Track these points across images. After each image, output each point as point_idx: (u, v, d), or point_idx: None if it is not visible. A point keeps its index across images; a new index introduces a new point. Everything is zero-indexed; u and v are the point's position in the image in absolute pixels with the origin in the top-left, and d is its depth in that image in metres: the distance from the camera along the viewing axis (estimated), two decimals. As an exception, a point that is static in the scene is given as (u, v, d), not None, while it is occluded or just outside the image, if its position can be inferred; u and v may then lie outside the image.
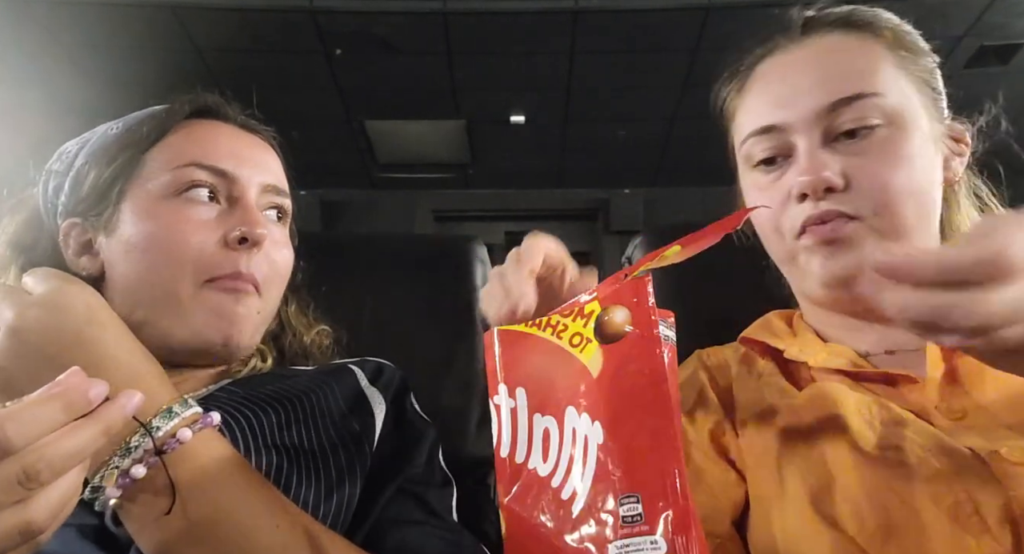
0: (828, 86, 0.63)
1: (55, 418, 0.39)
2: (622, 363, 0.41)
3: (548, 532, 0.40)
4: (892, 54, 0.66)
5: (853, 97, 0.62)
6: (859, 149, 0.62)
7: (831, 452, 0.57)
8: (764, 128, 0.66)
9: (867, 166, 0.62)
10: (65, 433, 0.39)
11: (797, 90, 0.65)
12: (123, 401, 0.42)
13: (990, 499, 0.50)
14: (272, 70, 3.35)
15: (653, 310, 0.41)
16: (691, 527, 0.36)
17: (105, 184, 0.67)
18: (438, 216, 4.82)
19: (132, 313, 0.65)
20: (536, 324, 0.45)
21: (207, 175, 0.67)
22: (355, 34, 3.09)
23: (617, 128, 3.97)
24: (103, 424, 0.41)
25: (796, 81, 0.65)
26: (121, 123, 0.72)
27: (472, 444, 0.98)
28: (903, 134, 0.63)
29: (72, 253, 0.69)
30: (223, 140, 0.71)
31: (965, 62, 3.26)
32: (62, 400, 0.40)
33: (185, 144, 0.69)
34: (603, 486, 0.39)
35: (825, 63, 0.65)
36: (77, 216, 0.69)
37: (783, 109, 0.65)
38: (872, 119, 0.62)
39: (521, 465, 0.43)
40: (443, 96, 3.63)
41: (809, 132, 0.64)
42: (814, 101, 0.63)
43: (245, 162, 0.70)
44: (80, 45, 3.05)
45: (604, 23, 3.06)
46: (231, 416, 0.60)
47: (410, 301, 1.05)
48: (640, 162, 4.37)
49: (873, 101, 0.62)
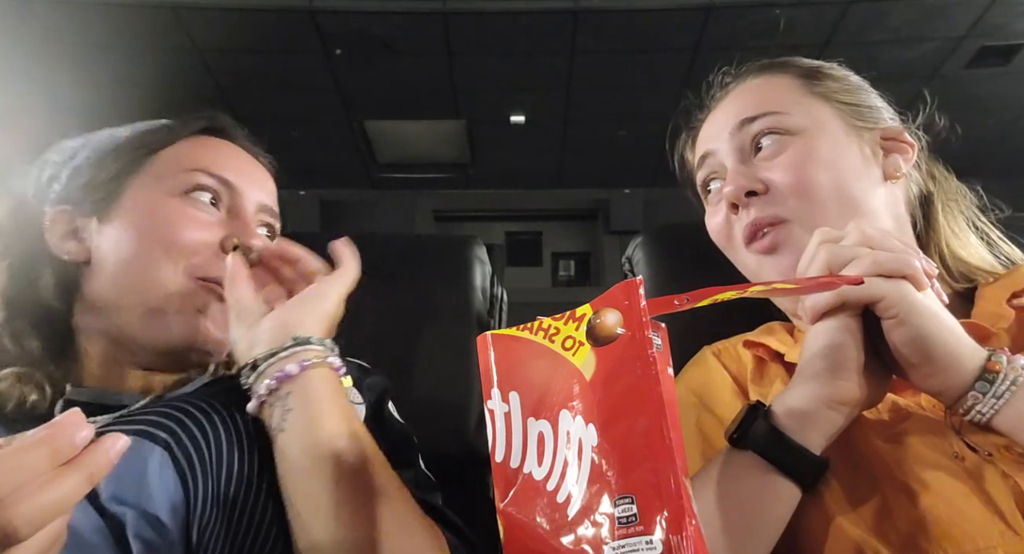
0: (739, 113, 0.75)
1: (39, 467, 0.37)
2: (615, 365, 0.41)
3: (545, 535, 0.41)
4: (797, 80, 0.76)
5: (756, 116, 0.73)
6: (771, 156, 0.72)
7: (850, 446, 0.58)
8: (701, 157, 0.79)
9: (781, 170, 0.70)
10: (47, 483, 0.37)
11: (717, 123, 0.78)
12: (108, 445, 0.39)
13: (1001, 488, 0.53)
14: (272, 70, 3.36)
15: (644, 312, 0.41)
16: (687, 526, 0.37)
17: (109, 176, 0.70)
18: (438, 216, 4.83)
19: (114, 298, 0.67)
20: (528, 328, 0.46)
21: (213, 182, 0.71)
22: (355, 34, 3.09)
23: (617, 128, 3.98)
24: (87, 471, 0.38)
25: (718, 118, 0.79)
26: (129, 129, 0.76)
27: (471, 444, 0.98)
28: (812, 141, 0.71)
29: (58, 237, 0.70)
30: (230, 155, 0.75)
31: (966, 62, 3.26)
32: (49, 446, 0.38)
33: (195, 151, 0.73)
34: (598, 488, 0.39)
35: (739, 99, 0.77)
36: (69, 204, 0.70)
37: (710, 137, 0.79)
38: (776, 132, 0.72)
39: (516, 469, 0.43)
40: (443, 96, 3.64)
41: (729, 153, 0.75)
42: (728, 125, 0.75)
43: (248, 179, 0.74)
44: (80, 45, 3.05)
45: (604, 23, 3.06)
46: (208, 411, 0.61)
47: (410, 301, 1.05)
48: (640, 162, 4.36)
49: (775, 118, 0.73)
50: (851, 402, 0.54)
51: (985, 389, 0.51)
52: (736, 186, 0.71)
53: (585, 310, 0.44)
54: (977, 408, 0.51)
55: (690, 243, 1.08)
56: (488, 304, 1.09)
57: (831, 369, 0.54)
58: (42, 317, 0.68)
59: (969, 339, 0.53)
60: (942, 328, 0.52)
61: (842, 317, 0.55)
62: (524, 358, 0.45)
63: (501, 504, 0.43)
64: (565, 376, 0.43)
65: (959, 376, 0.52)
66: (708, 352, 0.79)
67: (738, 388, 0.73)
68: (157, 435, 0.58)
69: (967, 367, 0.52)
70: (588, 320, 0.43)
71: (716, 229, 0.78)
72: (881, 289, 0.52)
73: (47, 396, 0.64)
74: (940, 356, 0.52)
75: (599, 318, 0.42)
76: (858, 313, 0.55)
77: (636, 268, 1.08)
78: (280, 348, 0.59)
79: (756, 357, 0.74)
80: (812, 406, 0.54)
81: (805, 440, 0.54)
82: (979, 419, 0.52)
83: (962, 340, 0.53)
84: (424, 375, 1.01)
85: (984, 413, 0.51)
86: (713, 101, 0.81)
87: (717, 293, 0.47)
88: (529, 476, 0.42)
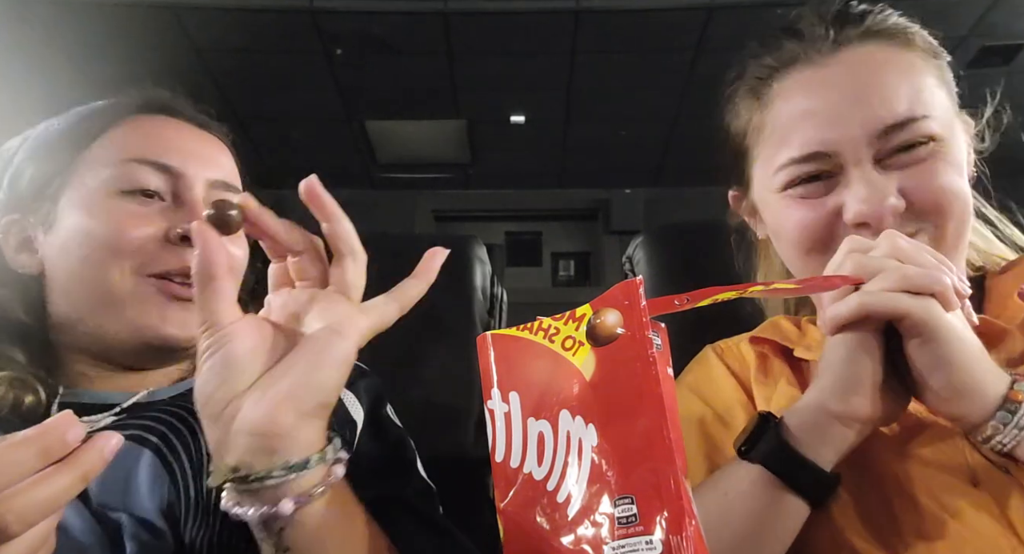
0: (878, 111, 0.61)
1: (29, 464, 0.37)
2: (614, 365, 0.41)
3: (545, 535, 0.41)
4: (927, 64, 0.65)
5: (906, 121, 0.61)
6: (912, 163, 0.61)
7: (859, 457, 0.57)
8: (810, 155, 0.63)
9: (923, 181, 0.61)
10: (38, 481, 0.37)
11: (842, 113, 0.62)
12: (101, 444, 0.39)
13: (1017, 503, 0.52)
14: (272, 70, 3.36)
15: (644, 312, 0.41)
16: (686, 527, 0.37)
17: (43, 180, 0.66)
18: (438, 216, 4.82)
19: (69, 311, 0.64)
20: (528, 328, 0.46)
21: (150, 170, 0.65)
22: (355, 34, 3.09)
23: (617, 128, 3.97)
24: (80, 470, 0.38)
25: (838, 102, 0.62)
26: (63, 118, 0.71)
27: (472, 444, 0.98)
28: (950, 145, 0.63)
29: (12, 251, 0.67)
30: (170, 135, 0.69)
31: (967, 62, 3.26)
32: (38, 444, 0.37)
33: (129, 139, 0.67)
34: (598, 488, 0.39)
35: (868, 83, 0.62)
36: (16, 213, 0.67)
37: (829, 133, 0.62)
38: (923, 138, 0.61)
39: (517, 469, 0.43)
40: (443, 96, 3.63)
41: (860, 156, 0.61)
42: (865, 127, 0.61)
43: (192, 158, 0.68)
44: (80, 45, 3.05)
45: (605, 23, 3.06)
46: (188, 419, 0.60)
47: (409, 301, 1.05)
48: (640, 162, 4.37)
49: (925, 123, 0.61)
50: (865, 419, 0.53)
51: (1007, 420, 0.49)
52: (883, 208, 0.60)
53: (585, 310, 0.44)
54: (998, 438, 0.49)
55: (690, 243, 1.08)
56: (488, 304, 1.09)
57: (846, 385, 0.52)
58: (18, 333, 0.65)
59: (993, 365, 0.51)
60: (966, 354, 0.50)
61: (863, 331, 0.52)
62: (524, 358, 0.45)
63: (501, 504, 0.43)
64: (565, 376, 0.43)
65: (980, 405, 0.50)
66: (710, 351, 0.78)
67: (741, 387, 0.72)
68: (147, 439, 0.57)
69: (989, 396, 0.49)
70: (588, 320, 0.43)
71: (810, 227, 0.64)
72: (906, 305, 0.49)
73: (42, 399, 0.62)
74: (962, 383, 0.49)
75: (599, 318, 0.42)
76: (880, 327, 0.52)
77: (636, 268, 1.08)
78: (265, 475, 0.42)
79: (759, 354, 0.73)
80: (824, 421, 0.53)
81: (816, 456, 0.53)
82: (999, 449, 0.50)
83: (986, 368, 0.51)
84: (424, 375, 1.01)
85: (1005, 444, 0.49)
86: (814, 57, 0.65)
87: (717, 293, 0.47)
88: (529, 476, 0.42)
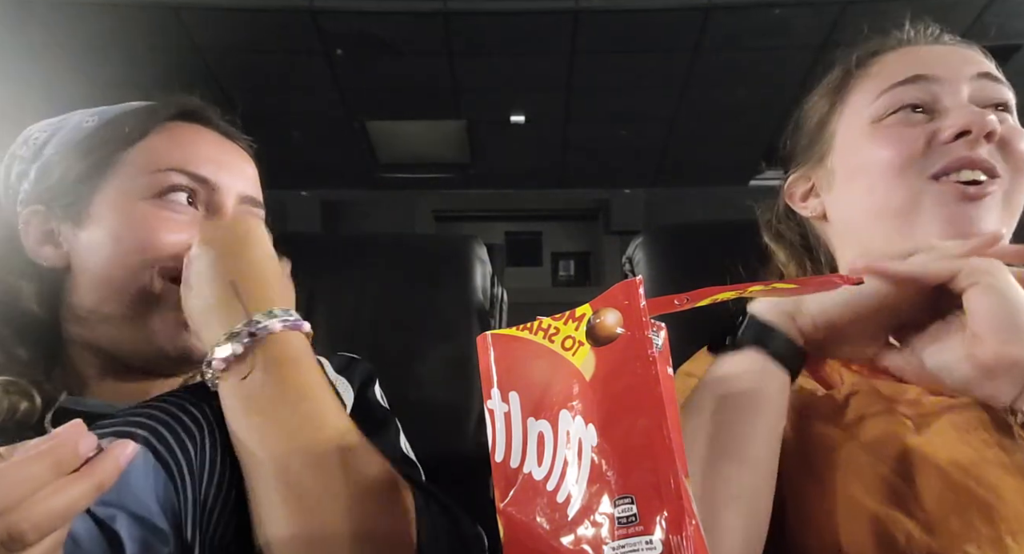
0: (976, 59, 0.70)
1: (42, 478, 0.38)
2: (614, 365, 0.41)
3: (545, 535, 0.41)
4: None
5: (997, 79, 0.69)
6: (999, 121, 0.66)
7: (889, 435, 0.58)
8: (915, 77, 0.69)
9: (1009, 133, 0.66)
10: (55, 491, 0.38)
11: (944, 54, 0.71)
12: (116, 453, 0.40)
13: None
14: (272, 70, 3.36)
15: (644, 312, 0.41)
16: (687, 526, 0.37)
17: (78, 177, 0.67)
18: (438, 216, 4.83)
19: (98, 307, 0.65)
20: (528, 328, 0.46)
21: (188, 180, 0.67)
22: (355, 34, 3.09)
23: (617, 128, 3.98)
24: (96, 479, 0.39)
25: (941, 50, 0.72)
26: (97, 116, 0.71)
27: (471, 444, 0.98)
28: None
29: (33, 241, 0.68)
30: (205, 146, 0.70)
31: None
32: (50, 458, 0.38)
33: (167, 147, 0.68)
34: (598, 488, 0.39)
35: (967, 52, 0.72)
36: (42, 204, 0.68)
37: (933, 66, 0.69)
38: (1006, 103, 0.68)
39: (516, 469, 0.43)
40: (443, 96, 3.63)
41: (957, 88, 0.67)
42: (964, 67, 0.69)
43: (226, 170, 0.70)
44: (80, 45, 3.05)
45: (604, 23, 3.06)
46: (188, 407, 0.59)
47: (410, 301, 1.05)
48: (640, 162, 4.37)
49: (1009, 92, 0.69)
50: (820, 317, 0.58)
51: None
52: (984, 120, 0.64)
53: (585, 310, 0.44)
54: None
55: (690, 243, 1.08)
56: (488, 304, 1.09)
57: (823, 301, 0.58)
58: (27, 326, 0.66)
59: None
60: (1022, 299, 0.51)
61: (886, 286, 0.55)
62: (524, 358, 0.45)
63: (501, 504, 0.43)
64: (565, 376, 0.43)
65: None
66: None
67: None
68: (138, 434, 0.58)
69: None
70: (588, 320, 0.43)
71: (907, 140, 0.68)
72: (955, 265, 0.53)
73: (37, 405, 0.62)
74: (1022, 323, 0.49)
75: (599, 318, 0.42)
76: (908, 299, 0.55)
77: (636, 268, 1.08)
78: None
79: None
80: (790, 307, 0.60)
81: (789, 332, 0.59)
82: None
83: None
84: (424, 375, 1.01)
85: None
86: (918, 40, 0.75)
87: (717, 293, 0.47)
88: (529, 476, 0.42)
